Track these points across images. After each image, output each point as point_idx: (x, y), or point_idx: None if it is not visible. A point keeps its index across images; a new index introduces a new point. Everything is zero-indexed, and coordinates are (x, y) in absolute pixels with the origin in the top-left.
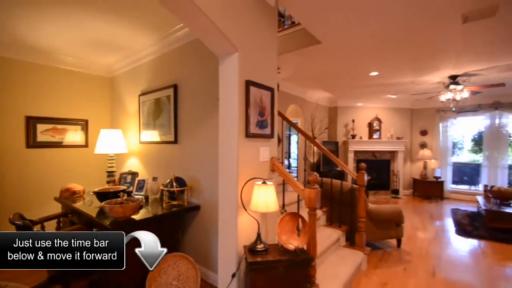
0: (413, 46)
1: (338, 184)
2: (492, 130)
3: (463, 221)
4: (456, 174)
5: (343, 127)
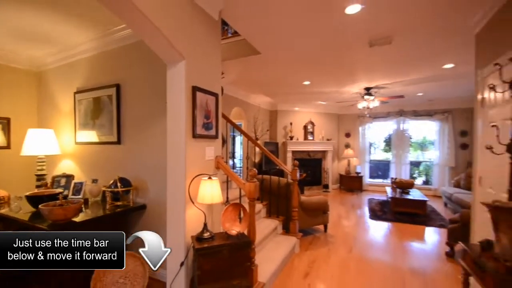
0: (335, 62)
1: (276, 180)
2: (398, 133)
3: (375, 208)
4: (372, 170)
5: (282, 129)
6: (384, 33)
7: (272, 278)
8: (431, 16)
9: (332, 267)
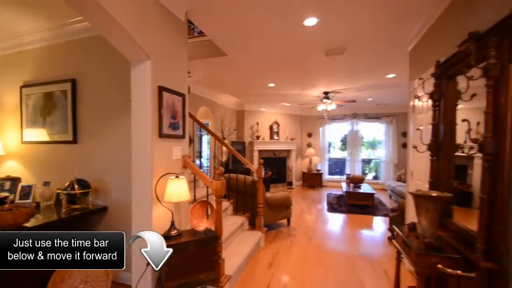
0: (297, 68)
1: (242, 178)
2: (352, 134)
3: (333, 202)
4: (331, 167)
5: (249, 129)
6: (338, 45)
7: (239, 270)
8: (376, 33)
9: (293, 257)
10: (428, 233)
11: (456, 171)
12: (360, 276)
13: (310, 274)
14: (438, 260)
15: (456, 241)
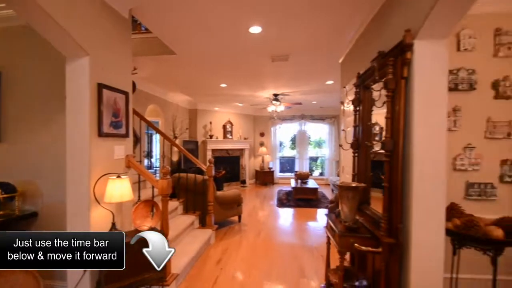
0: (246, 70)
1: (192, 177)
2: (300, 134)
3: (282, 197)
4: (282, 165)
5: (202, 128)
6: (281, 52)
7: (187, 268)
8: (314, 45)
9: (243, 251)
10: (348, 218)
11: (379, 165)
12: (301, 262)
13: (257, 265)
14: (355, 240)
15: (369, 224)
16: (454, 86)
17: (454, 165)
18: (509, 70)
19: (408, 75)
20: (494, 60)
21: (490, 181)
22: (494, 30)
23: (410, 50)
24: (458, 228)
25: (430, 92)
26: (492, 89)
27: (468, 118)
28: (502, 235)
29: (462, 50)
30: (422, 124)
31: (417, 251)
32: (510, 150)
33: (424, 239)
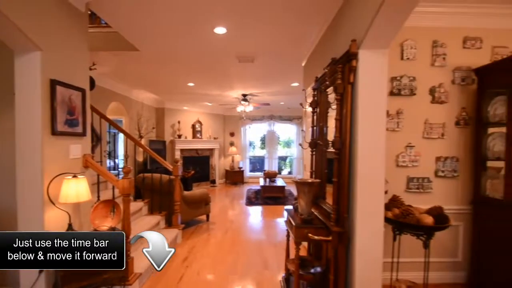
0: (214, 70)
1: (158, 177)
2: (269, 134)
3: (251, 196)
4: (252, 165)
5: (170, 127)
6: (247, 53)
7: (151, 268)
8: (278, 48)
9: (209, 248)
10: (305, 211)
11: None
12: (266, 256)
13: (223, 260)
14: (309, 230)
15: (323, 216)
16: (398, 91)
17: (397, 162)
18: (443, 78)
19: (354, 81)
20: (431, 68)
21: (427, 176)
22: (432, 42)
23: (355, 59)
24: (397, 216)
25: (372, 96)
26: (429, 95)
27: (409, 120)
28: (432, 222)
29: (405, 59)
30: (365, 125)
31: (361, 238)
32: (443, 148)
33: (366, 227)
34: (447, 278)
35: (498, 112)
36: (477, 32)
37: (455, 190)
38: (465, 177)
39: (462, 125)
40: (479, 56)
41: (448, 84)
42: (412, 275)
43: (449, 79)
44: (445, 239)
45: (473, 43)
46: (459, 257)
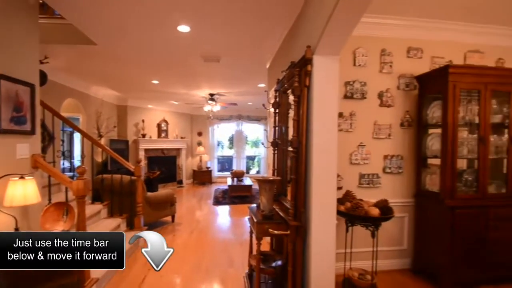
0: (179, 68)
1: (118, 178)
2: (238, 133)
3: (219, 196)
4: (221, 164)
5: (133, 126)
6: (213, 53)
7: (110, 272)
8: (243, 50)
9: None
10: (266, 208)
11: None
12: (231, 254)
13: (188, 261)
14: (270, 226)
15: (283, 211)
16: (351, 95)
17: (350, 159)
18: (390, 84)
19: (309, 84)
20: (380, 75)
21: (376, 172)
22: (380, 50)
23: (310, 63)
24: (348, 210)
25: (325, 99)
26: (378, 99)
27: (361, 122)
28: (378, 213)
29: (357, 66)
30: (319, 125)
31: (316, 231)
32: (390, 147)
33: (321, 220)
34: (395, 265)
35: (435, 115)
36: (419, 43)
37: (400, 185)
38: (409, 173)
39: (406, 126)
40: (420, 65)
41: (394, 89)
42: (364, 263)
43: (395, 84)
44: (393, 230)
45: (415, 53)
46: (405, 245)
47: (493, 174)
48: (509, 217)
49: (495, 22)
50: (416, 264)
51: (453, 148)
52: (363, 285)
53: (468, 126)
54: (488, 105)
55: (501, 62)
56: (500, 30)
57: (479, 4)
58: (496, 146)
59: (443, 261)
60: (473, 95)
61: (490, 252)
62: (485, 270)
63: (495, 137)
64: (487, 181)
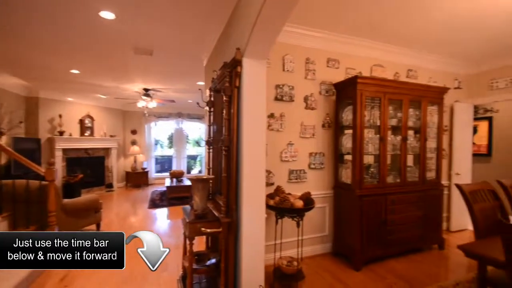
0: (105, 58)
1: (23, 184)
2: (177, 132)
3: (156, 198)
4: (159, 165)
5: (47, 122)
6: (144, 45)
7: None
8: (178, 44)
9: None
10: (199, 207)
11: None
12: (166, 258)
13: (116, 271)
14: (202, 225)
15: (216, 210)
16: (281, 97)
17: (281, 157)
18: (313, 89)
19: (239, 85)
20: (305, 81)
21: (303, 168)
22: (305, 59)
23: (240, 65)
24: (277, 203)
25: (254, 100)
26: (304, 102)
27: (290, 122)
28: (301, 205)
29: (286, 71)
30: (249, 125)
31: (246, 225)
32: (314, 146)
33: (251, 215)
34: (319, 250)
35: (348, 117)
36: (336, 55)
37: (322, 179)
38: (329, 168)
39: (327, 127)
40: (337, 74)
41: (317, 94)
42: (293, 252)
43: (318, 90)
44: (317, 219)
45: (333, 64)
46: (326, 231)
47: (392, 167)
48: (402, 201)
49: (392, 42)
50: (335, 247)
51: (360, 146)
52: (290, 271)
53: (373, 127)
54: (386, 110)
55: (397, 76)
56: (396, 49)
57: (380, 24)
58: (393, 144)
59: (354, 242)
60: (375, 102)
61: (389, 231)
62: (387, 247)
63: (392, 137)
64: (386, 173)
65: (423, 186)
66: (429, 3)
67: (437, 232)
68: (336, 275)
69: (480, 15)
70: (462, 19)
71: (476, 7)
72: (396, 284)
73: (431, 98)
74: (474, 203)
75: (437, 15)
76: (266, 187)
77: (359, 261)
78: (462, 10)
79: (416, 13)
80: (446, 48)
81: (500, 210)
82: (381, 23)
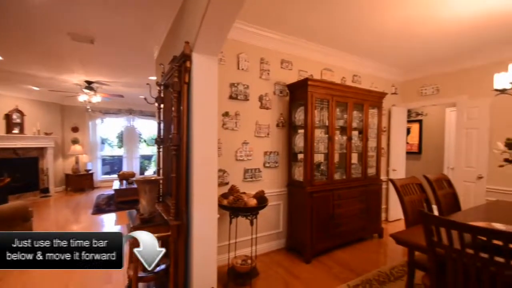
0: (36, 44)
1: None
2: (128, 130)
3: (101, 203)
4: (106, 166)
5: None
6: (83, 32)
7: None
8: (124, 34)
9: (27, 276)
10: (146, 210)
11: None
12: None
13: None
14: (149, 229)
15: (165, 212)
16: (236, 96)
17: (236, 156)
18: (268, 89)
19: (189, 81)
20: (260, 80)
21: (258, 167)
22: (260, 59)
23: (189, 60)
24: (231, 203)
25: (205, 97)
26: (258, 101)
27: (245, 121)
28: (255, 204)
29: (241, 69)
30: (199, 123)
31: (198, 227)
32: (269, 145)
33: (203, 216)
34: (274, 246)
35: (300, 118)
36: (289, 57)
37: (277, 177)
38: (283, 167)
39: (281, 127)
40: (290, 75)
41: (271, 94)
42: (248, 250)
43: (272, 90)
44: (271, 216)
45: (287, 65)
46: (281, 228)
47: (339, 164)
48: (348, 196)
49: (339, 48)
50: (288, 242)
51: (311, 145)
52: (245, 269)
53: (323, 128)
54: (334, 112)
55: (344, 80)
56: (343, 55)
57: (321, 29)
58: (340, 143)
59: (305, 237)
60: (324, 104)
61: (336, 224)
62: (334, 239)
63: (339, 137)
64: (334, 170)
65: (365, 181)
66: (356, 10)
67: (377, 222)
68: (288, 269)
69: (408, 22)
70: (391, 26)
71: (404, 14)
72: (342, 273)
73: (372, 102)
74: (405, 195)
75: (368, 23)
76: (221, 187)
77: (309, 254)
78: (391, 18)
79: (347, 19)
80: (382, 56)
81: (426, 201)
82: (318, 27)
